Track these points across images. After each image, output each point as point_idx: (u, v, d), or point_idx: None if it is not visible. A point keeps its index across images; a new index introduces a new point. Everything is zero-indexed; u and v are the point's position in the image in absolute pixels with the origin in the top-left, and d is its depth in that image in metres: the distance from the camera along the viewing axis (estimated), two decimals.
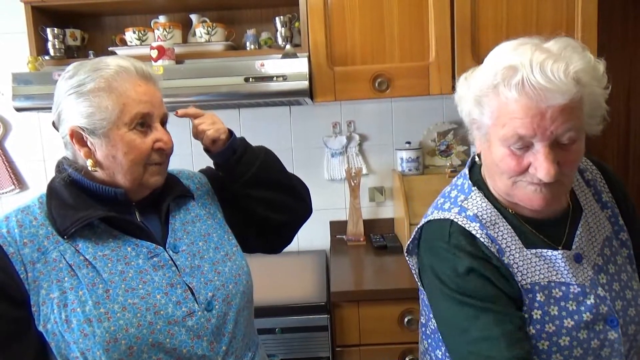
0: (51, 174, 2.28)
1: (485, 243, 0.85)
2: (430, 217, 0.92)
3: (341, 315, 1.64)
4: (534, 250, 0.85)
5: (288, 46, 1.78)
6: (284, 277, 1.92)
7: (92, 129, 0.90)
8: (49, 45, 1.87)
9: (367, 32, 1.79)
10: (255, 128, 2.22)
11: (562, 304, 0.83)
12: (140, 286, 0.90)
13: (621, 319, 0.84)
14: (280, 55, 1.74)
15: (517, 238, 0.86)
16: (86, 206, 0.91)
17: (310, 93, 1.73)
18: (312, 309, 1.63)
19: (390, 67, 1.79)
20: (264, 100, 1.77)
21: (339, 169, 2.23)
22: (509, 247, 0.85)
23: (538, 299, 0.83)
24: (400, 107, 2.21)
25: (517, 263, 0.84)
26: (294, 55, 1.72)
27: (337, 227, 2.25)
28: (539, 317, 0.83)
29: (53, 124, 0.98)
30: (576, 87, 0.75)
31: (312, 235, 2.23)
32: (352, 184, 2.17)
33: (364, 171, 2.22)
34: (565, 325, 0.82)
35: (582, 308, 0.83)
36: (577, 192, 0.94)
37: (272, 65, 1.68)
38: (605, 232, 0.91)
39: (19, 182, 2.24)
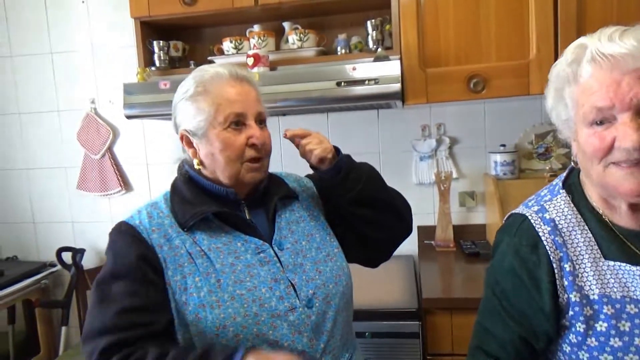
0: (154, 177, 2.48)
1: (547, 248, 0.84)
2: (513, 211, 0.94)
3: (433, 322, 1.60)
4: (612, 263, 0.82)
5: (379, 49, 1.77)
6: (372, 280, 1.91)
7: (194, 131, 0.99)
8: (155, 57, 2.02)
9: (462, 31, 1.73)
10: (344, 132, 2.23)
11: (637, 321, 0.79)
12: (247, 279, 0.95)
13: None
14: (372, 59, 1.73)
15: (595, 248, 0.83)
16: (202, 202, 0.99)
17: (402, 96, 1.71)
18: (403, 315, 1.61)
19: (486, 67, 1.72)
20: (355, 104, 1.77)
21: (428, 172, 2.18)
22: (581, 255, 0.83)
23: (605, 311, 0.80)
24: (493, 108, 2.12)
25: (586, 273, 0.82)
26: (385, 58, 1.71)
27: (425, 232, 2.19)
28: (604, 329, 0.80)
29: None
30: None
31: None
32: (442, 188, 2.12)
33: (454, 175, 2.15)
34: (635, 343, 0.78)
35: None
36: None
37: (364, 68, 1.68)
38: None
39: (125, 184, 2.44)
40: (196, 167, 1.01)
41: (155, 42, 2.00)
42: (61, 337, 2.38)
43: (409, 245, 2.19)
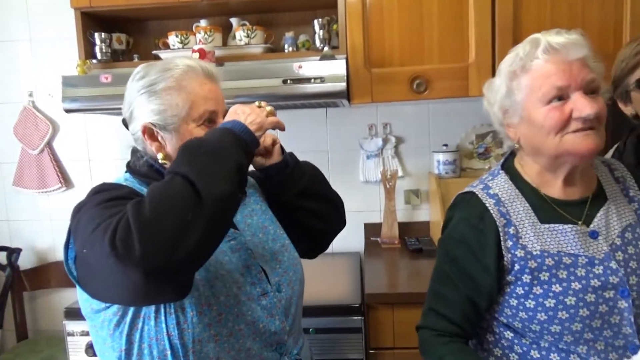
0: (96, 173, 2.39)
1: (493, 216, 0.99)
2: (461, 191, 1.09)
3: (376, 317, 1.63)
4: (547, 225, 0.98)
5: (326, 48, 1.79)
6: (318, 278, 1.93)
7: (163, 125, 0.97)
8: (97, 49, 1.95)
9: (406, 34, 1.78)
10: (292, 130, 2.20)
11: (571, 269, 0.94)
12: (225, 262, 0.97)
13: (634, 292, 0.94)
14: (318, 58, 1.75)
15: (533, 214, 0.99)
16: None
17: (347, 95, 1.74)
18: (346, 310, 1.63)
19: (429, 69, 1.77)
20: (302, 102, 1.78)
21: (375, 171, 2.22)
22: (522, 221, 0.99)
23: (546, 262, 0.95)
24: (437, 109, 2.18)
25: (527, 234, 0.97)
26: (331, 57, 1.73)
27: (372, 230, 2.24)
28: (546, 278, 0.95)
29: (124, 121, 1.05)
30: (587, 44, 0.94)
31: (346, 237, 2.21)
32: (388, 186, 2.16)
33: (400, 173, 2.21)
34: (572, 287, 0.94)
35: (591, 275, 0.94)
36: (604, 184, 1.05)
37: (310, 67, 1.69)
38: (629, 219, 1.01)
39: (66, 181, 2.34)
40: (161, 161, 0.99)
41: (96, 34, 1.93)
42: None
43: (355, 242, 2.24)
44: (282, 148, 1.13)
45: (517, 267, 0.97)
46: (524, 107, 0.97)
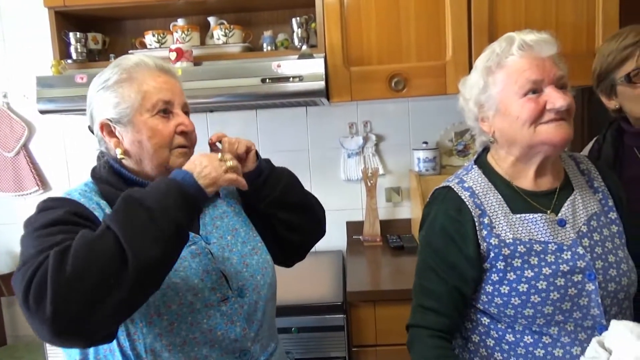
0: (74, 175, 2.35)
1: (469, 208, 1.04)
2: (437, 187, 1.13)
3: (357, 315, 1.64)
4: (519, 215, 1.03)
5: (304, 47, 1.79)
6: (300, 276, 1.93)
7: (118, 119, 0.97)
8: (72, 49, 1.92)
9: (384, 32, 1.79)
10: (272, 129, 2.23)
11: (542, 255, 1.00)
12: (181, 269, 0.94)
13: (600, 276, 1.00)
14: (297, 56, 1.75)
15: (504, 205, 1.04)
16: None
17: (326, 93, 1.74)
18: (328, 309, 1.64)
19: (406, 67, 1.79)
20: (281, 101, 1.78)
21: (356, 169, 2.23)
22: (495, 212, 1.04)
23: (519, 250, 1.00)
24: (417, 107, 2.20)
25: (500, 224, 1.03)
26: (310, 56, 1.73)
27: (354, 228, 2.25)
28: (519, 264, 1.00)
29: (89, 127, 1.04)
30: (557, 43, 1.01)
31: (329, 235, 2.17)
32: (369, 184, 2.17)
33: (381, 171, 2.22)
34: (543, 272, 0.99)
35: (560, 260, 1.00)
36: (570, 176, 1.11)
37: (289, 66, 1.69)
38: (594, 209, 1.07)
39: (43, 183, 2.30)
40: (119, 156, 0.98)
41: (71, 34, 1.90)
42: None
43: (338, 241, 2.24)
44: (257, 155, 1.11)
45: (492, 254, 1.01)
46: (500, 100, 1.02)
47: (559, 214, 1.05)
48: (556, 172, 1.09)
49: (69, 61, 1.91)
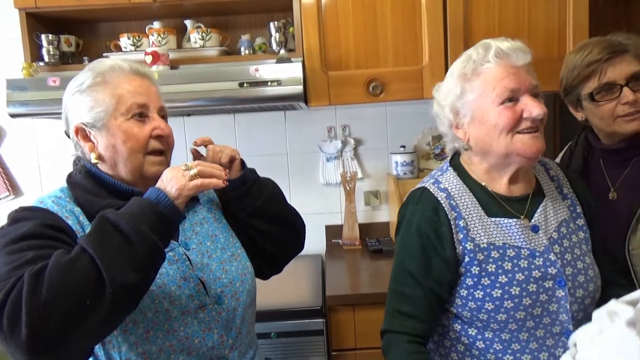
0: (47, 180, 2.29)
1: (445, 209, 1.03)
2: (412, 189, 1.13)
3: (337, 319, 1.64)
4: (493, 219, 1.04)
5: (282, 51, 1.79)
6: (279, 281, 1.90)
7: (93, 123, 0.96)
8: (44, 51, 1.87)
9: (361, 37, 1.80)
10: (251, 133, 2.22)
11: (515, 261, 1.00)
12: (157, 276, 0.91)
13: (570, 282, 1.01)
14: (275, 60, 1.74)
15: (480, 208, 1.05)
16: (107, 196, 0.95)
17: (304, 98, 1.74)
18: (308, 313, 1.63)
19: (384, 72, 1.80)
20: (259, 105, 1.77)
21: (334, 173, 2.23)
22: (471, 214, 1.04)
23: (493, 255, 1.01)
24: (394, 111, 2.22)
25: (476, 227, 1.03)
26: (288, 60, 1.73)
27: (333, 232, 2.25)
28: (493, 270, 1.00)
29: (65, 132, 1.02)
30: (530, 52, 1.02)
31: (308, 239, 2.15)
32: (348, 188, 2.18)
33: (359, 175, 2.23)
34: (516, 278, 0.99)
35: (532, 266, 1.01)
36: (541, 182, 1.13)
37: (267, 70, 1.68)
38: (564, 215, 1.09)
39: (14, 189, 2.24)
40: (93, 161, 0.96)
41: (43, 36, 1.86)
42: None
43: (317, 245, 2.24)
44: (243, 163, 1.10)
45: (467, 259, 1.01)
46: (477, 107, 1.02)
47: (532, 220, 1.05)
48: (528, 178, 1.10)
49: (41, 64, 1.86)
